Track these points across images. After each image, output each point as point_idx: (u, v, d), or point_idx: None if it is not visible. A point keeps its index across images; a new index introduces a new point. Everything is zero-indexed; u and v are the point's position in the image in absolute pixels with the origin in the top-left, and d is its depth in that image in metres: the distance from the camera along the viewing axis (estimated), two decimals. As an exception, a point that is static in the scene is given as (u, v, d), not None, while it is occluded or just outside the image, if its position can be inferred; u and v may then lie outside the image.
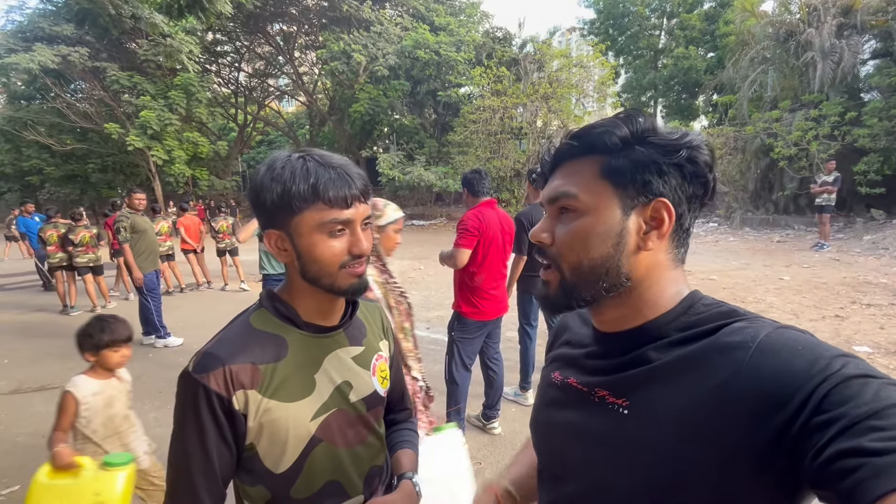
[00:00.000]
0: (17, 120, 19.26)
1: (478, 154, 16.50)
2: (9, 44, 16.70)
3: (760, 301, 6.01)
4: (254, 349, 0.77)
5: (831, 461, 0.39)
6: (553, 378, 0.70)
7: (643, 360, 0.56)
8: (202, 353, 0.76)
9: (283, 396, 0.77)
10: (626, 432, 0.55)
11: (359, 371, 0.88)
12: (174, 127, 17.31)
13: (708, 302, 0.58)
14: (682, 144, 0.56)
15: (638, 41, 25.42)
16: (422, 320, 5.75)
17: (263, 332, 0.80)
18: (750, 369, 0.47)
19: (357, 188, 0.77)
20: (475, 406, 3.29)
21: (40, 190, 24.72)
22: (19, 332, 5.74)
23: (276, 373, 0.77)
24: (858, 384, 0.42)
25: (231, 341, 0.78)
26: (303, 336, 0.82)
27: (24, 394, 3.88)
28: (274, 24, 22.51)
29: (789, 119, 11.97)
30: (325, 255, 0.77)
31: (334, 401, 0.83)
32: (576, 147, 0.61)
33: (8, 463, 2.89)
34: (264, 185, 0.75)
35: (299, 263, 0.79)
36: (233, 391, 0.74)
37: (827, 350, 0.46)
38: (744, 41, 14.41)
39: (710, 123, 19.43)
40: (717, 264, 8.67)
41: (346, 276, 0.79)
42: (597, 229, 0.58)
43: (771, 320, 0.53)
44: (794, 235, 11.27)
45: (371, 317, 0.98)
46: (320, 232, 0.76)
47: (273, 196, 0.75)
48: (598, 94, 17.80)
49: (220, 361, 0.74)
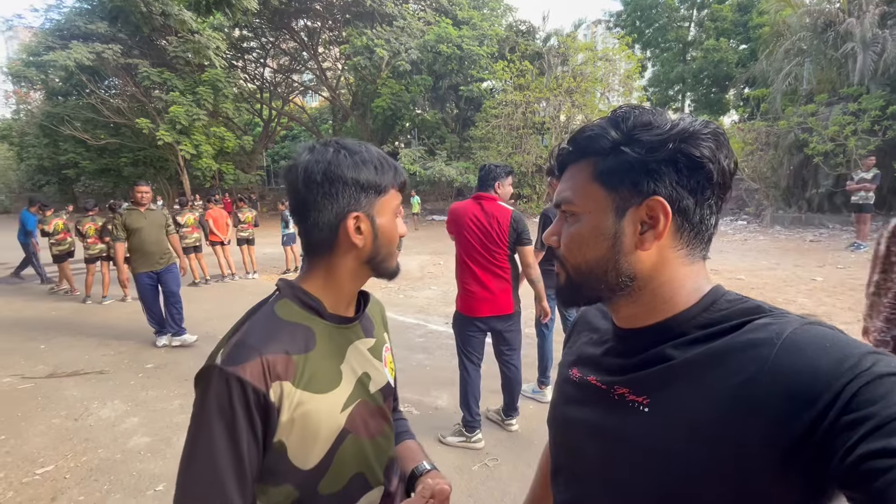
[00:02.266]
0: (54, 115, 20.07)
1: (499, 149, 16.38)
2: (47, 41, 17.40)
3: (791, 302, 5.80)
4: (285, 339, 0.74)
5: (861, 461, 0.38)
6: (571, 375, 0.69)
7: (663, 357, 0.55)
8: (233, 344, 0.71)
9: (315, 388, 0.75)
10: (646, 431, 0.54)
11: (374, 362, 0.88)
12: (202, 122, 17.74)
13: (731, 298, 0.56)
14: (668, 139, 0.54)
15: (666, 33, 24.75)
16: (441, 315, 5.76)
17: (290, 322, 0.77)
18: (774, 367, 0.46)
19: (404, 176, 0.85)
20: (495, 401, 3.28)
21: (76, 183, 25.74)
22: (54, 320, 5.99)
23: (307, 363, 0.75)
24: (890, 382, 0.40)
25: (262, 331, 0.74)
26: (328, 326, 0.81)
27: (59, 378, 4.05)
28: (299, 20, 22.75)
29: (826, 113, 11.47)
30: (395, 235, 0.83)
31: (358, 392, 0.82)
32: (572, 152, 0.62)
33: (42, 443, 3.01)
34: (351, 166, 0.77)
35: (374, 245, 0.81)
36: (269, 383, 0.70)
37: (856, 347, 0.44)
38: (778, 32, 13.87)
39: (741, 118, 18.79)
40: (746, 263, 8.40)
41: (396, 257, 0.86)
42: (592, 232, 0.59)
43: (798, 316, 0.51)
44: (829, 235, 10.83)
45: (375, 310, 0.98)
46: (395, 214, 0.83)
47: (367, 177, 0.78)
48: (624, 88, 17.44)
49: (255, 351, 0.70)
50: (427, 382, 3.79)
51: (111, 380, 4.01)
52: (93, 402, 3.59)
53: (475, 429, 2.82)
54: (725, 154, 0.55)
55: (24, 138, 23.95)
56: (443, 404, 3.42)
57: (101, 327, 5.56)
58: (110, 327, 5.52)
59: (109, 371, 4.19)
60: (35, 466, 2.77)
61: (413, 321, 5.56)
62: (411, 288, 7.47)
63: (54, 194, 28.24)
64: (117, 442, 3.03)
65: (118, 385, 3.90)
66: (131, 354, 4.60)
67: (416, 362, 4.26)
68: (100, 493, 2.52)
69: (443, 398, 3.50)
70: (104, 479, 2.64)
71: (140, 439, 3.06)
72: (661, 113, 0.57)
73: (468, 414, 2.80)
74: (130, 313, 6.02)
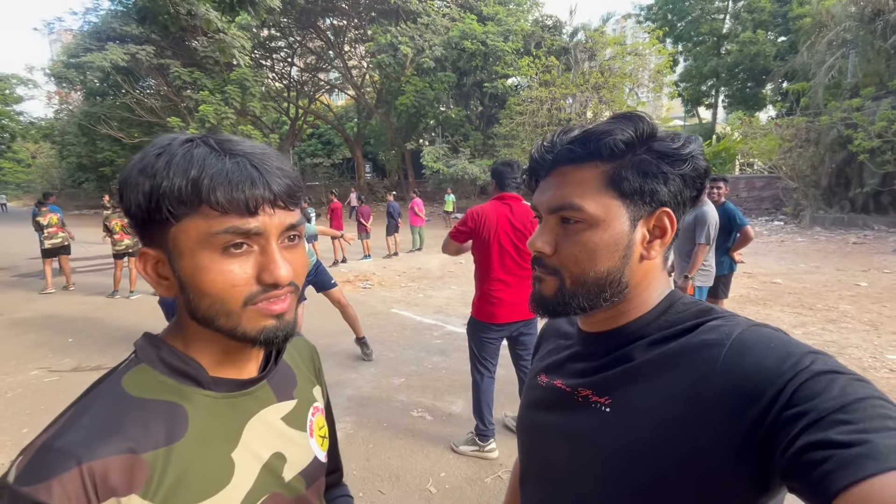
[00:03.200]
0: (92, 115, 20.93)
1: (523, 147, 16.14)
2: (85, 43, 18.08)
3: (832, 309, 5.45)
4: (130, 430, 0.50)
5: (800, 453, 0.40)
6: (539, 380, 0.70)
7: (625, 358, 0.58)
8: (36, 449, 0.47)
9: (185, 497, 0.51)
10: (609, 430, 0.56)
11: (292, 435, 0.64)
12: (230, 120, 18.10)
13: (687, 301, 0.60)
14: (688, 154, 0.56)
15: (699, 26, 23.92)
16: (459, 316, 5.66)
17: (146, 400, 0.53)
18: (725, 366, 0.48)
19: (270, 187, 0.51)
20: (512, 407, 3.15)
21: (112, 180, 26.78)
22: (83, 314, 6.17)
23: (171, 461, 0.51)
24: (827, 379, 0.43)
25: (89, 422, 0.49)
26: (210, 399, 0.56)
27: (83, 372, 4.14)
28: (325, 19, 23.00)
29: (872, 108, 10.84)
30: (218, 283, 0.51)
31: (263, 485, 0.58)
32: (577, 152, 0.58)
33: (62, 438, 3.06)
34: (130, 181, 0.51)
35: (183, 297, 0.54)
36: (99, 502, 0.46)
37: (798, 347, 0.47)
38: (821, 23, 13.17)
39: (779, 113, 18.01)
40: (782, 266, 7.99)
41: (253, 317, 0.53)
42: (605, 242, 0.56)
43: (745, 318, 0.54)
44: (874, 237, 10.22)
45: (299, 356, 0.74)
46: (209, 249, 0.51)
47: (140, 196, 0.50)
48: (654, 84, 16.91)
49: (70, 458, 0.45)
50: (442, 387, 3.70)
51: (132, 375, 4.07)
52: (112, 397, 3.64)
53: (489, 438, 2.71)
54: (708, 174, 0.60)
55: (65, 137, 25.07)
56: (457, 410, 3.32)
57: (126, 321, 5.69)
58: (136, 322, 5.64)
59: (131, 366, 4.26)
60: (53, 461, 2.80)
61: (431, 321, 5.48)
62: (431, 287, 7.39)
63: (93, 191, 29.51)
64: (132, 439, 3.05)
65: (138, 380, 3.96)
66: (153, 350, 4.68)
67: (432, 365, 4.18)
68: (112, 491, 2.53)
69: (457, 404, 3.40)
70: (117, 477, 2.65)
71: (155, 437, 3.07)
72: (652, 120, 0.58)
73: (481, 423, 2.69)
74: (156, 308, 6.14)
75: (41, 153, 36.67)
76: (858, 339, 4.49)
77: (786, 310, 5.55)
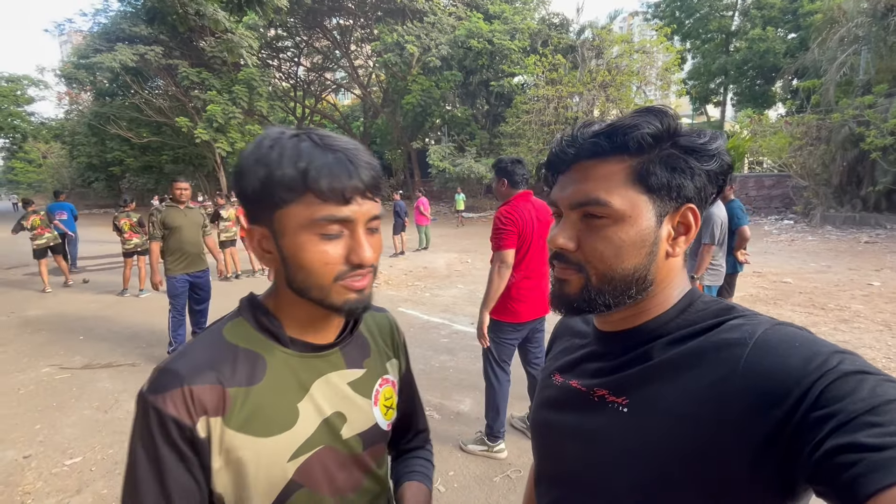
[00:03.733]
0: (102, 115, 21.14)
1: (530, 145, 16.09)
2: (95, 44, 18.26)
3: (844, 309, 5.38)
4: (222, 367, 0.62)
5: (828, 456, 0.39)
6: (554, 380, 0.69)
7: (642, 358, 0.57)
8: (159, 369, 0.61)
9: (255, 429, 0.62)
10: (625, 430, 0.55)
11: (356, 400, 0.72)
12: (237, 120, 18.23)
13: (707, 299, 0.59)
14: (715, 150, 0.55)
15: (708, 23, 23.68)
16: (466, 315, 5.65)
17: (238, 347, 0.65)
18: (747, 366, 0.47)
19: (362, 180, 0.60)
20: (520, 407, 3.14)
21: (121, 179, 27.03)
22: (94, 312, 6.23)
23: (248, 399, 0.62)
24: (855, 380, 0.42)
25: (195, 356, 0.63)
26: (286, 355, 0.67)
27: (93, 370, 4.18)
28: (332, 19, 23.04)
29: (885, 105, 10.68)
30: (315, 262, 0.61)
31: (321, 436, 0.67)
32: (601, 146, 0.56)
33: (73, 434, 3.09)
34: (247, 168, 0.60)
35: (285, 270, 0.64)
36: (195, 417, 0.59)
37: (824, 346, 0.46)
38: (832, 19, 12.99)
39: (789, 111, 17.80)
40: (793, 266, 7.90)
41: (340, 291, 0.63)
42: (632, 239, 0.55)
43: (768, 317, 0.52)
44: (887, 236, 10.08)
45: (378, 331, 0.82)
46: (309, 232, 0.60)
47: (255, 182, 0.59)
48: (662, 82, 16.77)
49: (178, 380, 0.59)
50: (449, 386, 3.69)
51: (142, 372, 4.10)
52: (123, 394, 3.67)
53: (498, 438, 2.70)
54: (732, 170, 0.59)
55: (75, 137, 25.33)
56: (465, 409, 3.31)
57: (136, 320, 5.73)
58: (145, 320, 5.68)
59: (140, 364, 4.29)
60: (65, 457, 2.83)
61: (438, 320, 5.47)
62: (437, 286, 7.39)
63: (102, 190, 29.80)
64: (143, 436, 3.07)
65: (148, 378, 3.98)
66: (162, 347, 4.70)
67: (439, 364, 4.17)
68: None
69: (465, 403, 3.39)
70: (127, 474, 2.67)
71: (164, 434, 3.09)
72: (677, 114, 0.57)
73: (494, 424, 2.68)
74: (165, 306, 6.19)
75: (52, 153, 37.06)
76: (871, 339, 4.43)
77: (797, 309, 5.48)
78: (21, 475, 2.65)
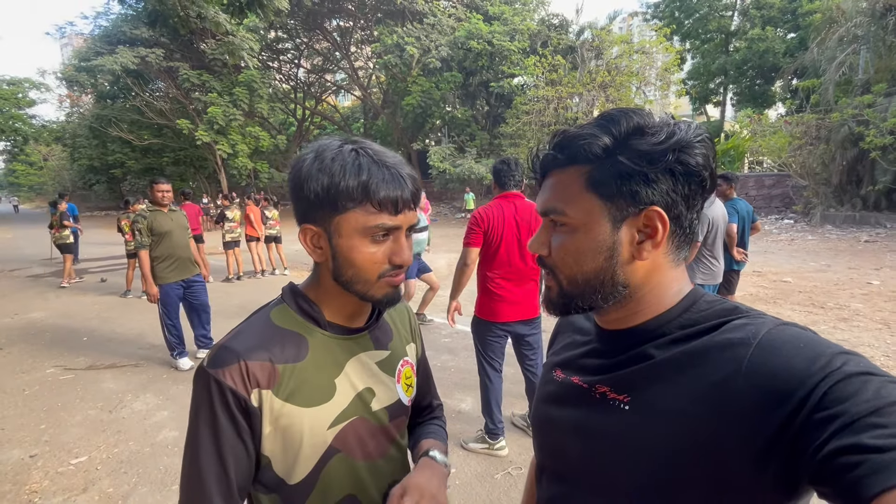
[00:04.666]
0: (103, 117, 21.17)
1: (529, 146, 16.09)
2: (96, 47, 18.31)
3: (844, 307, 5.40)
4: (272, 346, 0.72)
5: (831, 457, 0.39)
6: (555, 375, 0.70)
7: (644, 356, 0.57)
8: (218, 347, 0.71)
9: (300, 400, 0.72)
10: (626, 428, 0.55)
11: (383, 377, 0.82)
12: (238, 122, 18.26)
13: (710, 299, 0.58)
14: (667, 149, 0.53)
15: (707, 24, 23.71)
16: (468, 315, 5.66)
17: (284, 329, 0.75)
18: (751, 366, 0.47)
19: (409, 193, 0.70)
20: (521, 406, 3.16)
21: (123, 181, 27.06)
22: (97, 313, 6.26)
23: (294, 374, 0.72)
24: (860, 381, 0.42)
25: (249, 335, 0.73)
26: (325, 337, 0.77)
27: (97, 370, 4.20)
28: (332, 20, 23.08)
29: (884, 104, 10.70)
30: (365, 261, 0.71)
31: (355, 408, 0.77)
32: (559, 158, 0.59)
33: (78, 434, 3.12)
34: (310, 175, 0.69)
35: (334, 265, 0.74)
36: (250, 389, 0.69)
37: (829, 347, 0.46)
38: (832, 19, 13.01)
39: (789, 111, 17.82)
40: (792, 265, 7.92)
41: (382, 286, 0.74)
42: (588, 244, 0.57)
43: (772, 317, 0.52)
44: (886, 235, 10.10)
45: (398, 318, 0.92)
46: (363, 236, 0.70)
47: (318, 188, 0.69)
48: (662, 82, 16.81)
49: (235, 356, 0.69)
50: (450, 385, 3.72)
51: (145, 373, 4.13)
52: (126, 394, 3.70)
53: (498, 436, 2.73)
54: (714, 158, 0.56)
55: (76, 140, 25.36)
56: (466, 408, 3.34)
57: (139, 320, 5.76)
58: (148, 321, 5.71)
59: (143, 364, 4.32)
60: (70, 456, 2.86)
61: (440, 320, 5.50)
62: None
63: (103, 192, 29.83)
64: (147, 435, 3.10)
65: (151, 378, 4.01)
66: (164, 348, 4.73)
67: (441, 363, 4.20)
68: (128, 486, 2.57)
69: (466, 402, 3.42)
70: (133, 472, 2.70)
71: (169, 433, 3.12)
72: (648, 114, 0.56)
73: (490, 421, 2.71)
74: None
75: (53, 156, 37.15)
76: (871, 337, 4.45)
77: (796, 308, 5.50)
78: (28, 474, 2.68)
